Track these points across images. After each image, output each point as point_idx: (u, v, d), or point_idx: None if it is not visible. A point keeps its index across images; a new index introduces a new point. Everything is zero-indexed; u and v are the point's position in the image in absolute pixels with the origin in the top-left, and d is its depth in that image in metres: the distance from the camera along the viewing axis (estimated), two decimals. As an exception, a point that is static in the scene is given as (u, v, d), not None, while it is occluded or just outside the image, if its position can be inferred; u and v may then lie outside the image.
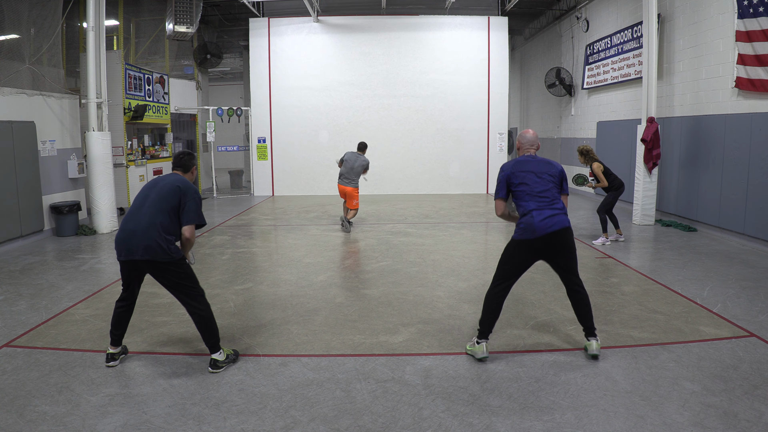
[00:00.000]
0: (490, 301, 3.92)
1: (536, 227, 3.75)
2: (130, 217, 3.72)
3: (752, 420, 3.06)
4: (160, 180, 3.84)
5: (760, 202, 7.31)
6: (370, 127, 14.48)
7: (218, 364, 3.76)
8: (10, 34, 8.37)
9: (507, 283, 3.90)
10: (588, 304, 3.95)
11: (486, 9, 14.52)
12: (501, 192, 3.98)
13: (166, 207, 3.68)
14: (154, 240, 3.60)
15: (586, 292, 3.96)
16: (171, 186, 3.74)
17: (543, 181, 3.89)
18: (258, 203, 13.08)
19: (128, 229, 3.66)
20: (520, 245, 3.84)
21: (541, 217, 3.76)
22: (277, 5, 14.35)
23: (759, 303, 5.08)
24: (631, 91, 11.04)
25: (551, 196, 3.86)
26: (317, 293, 5.59)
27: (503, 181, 3.97)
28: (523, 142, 4.16)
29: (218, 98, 20.78)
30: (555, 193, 3.91)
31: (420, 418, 3.14)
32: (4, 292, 5.68)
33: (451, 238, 8.43)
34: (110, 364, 3.87)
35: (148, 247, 3.60)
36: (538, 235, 3.75)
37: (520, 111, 19.17)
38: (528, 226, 3.78)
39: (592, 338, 3.94)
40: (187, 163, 4.00)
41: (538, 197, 3.83)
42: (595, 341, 3.92)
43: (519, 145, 4.19)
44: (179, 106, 14.21)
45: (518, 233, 3.84)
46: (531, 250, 3.83)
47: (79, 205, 9.03)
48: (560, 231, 3.79)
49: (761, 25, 7.15)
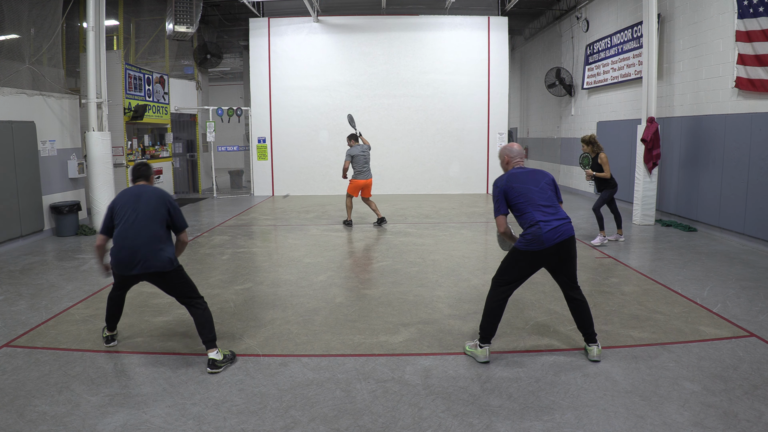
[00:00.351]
0: (492, 305, 3.87)
1: (544, 239, 3.68)
2: (127, 232, 3.75)
3: (752, 420, 3.06)
4: (140, 192, 3.90)
5: (760, 202, 7.31)
6: (370, 128, 14.45)
7: (217, 364, 3.77)
8: (10, 34, 8.37)
9: (508, 287, 3.86)
10: (588, 312, 3.92)
11: (486, 9, 14.52)
12: (502, 208, 3.86)
13: (159, 218, 3.81)
14: (159, 253, 3.74)
15: (585, 300, 3.94)
16: (157, 198, 3.87)
17: (542, 191, 3.84)
18: (258, 203, 13.09)
19: (130, 246, 3.73)
20: (526, 255, 3.78)
21: (549, 227, 3.70)
22: (277, 5, 14.35)
23: (759, 303, 5.08)
24: (631, 91, 11.04)
25: (554, 206, 3.83)
26: (317, 293, 5.59)
27: (501, 195, 3.86)
28: (512, 155, 4.07)
29: (218, 98, 20.78)
30: (556, 201, 3.88)
31: (420, 418, 3.14)
32: (4, 292, 5.68)
33: (451, 238, 8.43)
34: (110, 345, 4.20)
35: (154, 262, 3.73)
36: (546, 247, 3.69)
37: (520, 111, 19.17)
38: (536, 238, 3.70)
39: (593, 344, 3.92)
40: (147, 173, 4.13)
41: (543, 208, 3.78)
42: (596, 347, 3.90)
43: (508, 159, 4.08)
44: (179, 106, 14.22)
45: (524, 244, 3.76)
46: (536, 260, 3.78)
47: (79, 205, 9.03)
48: (566, 240, 3.76)
49: (761, 25, 7.15)
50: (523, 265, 3.82)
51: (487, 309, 3.89)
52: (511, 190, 3.84)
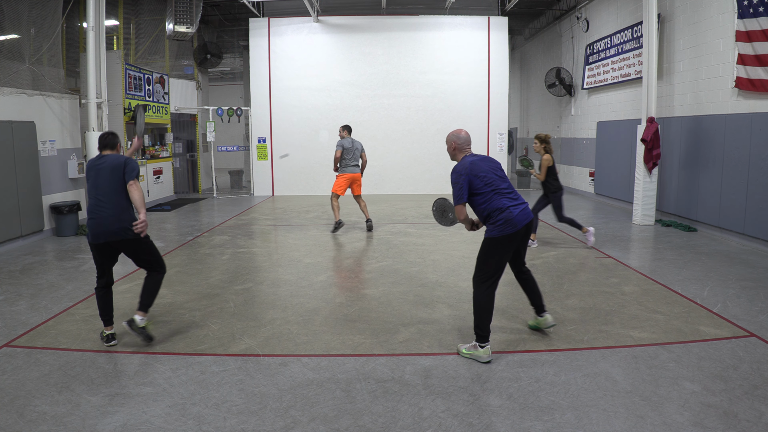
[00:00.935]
0: (481, 304, 3.89)
1: (516, 221, 3.86)
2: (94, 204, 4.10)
3: (752, 420, 3.06)
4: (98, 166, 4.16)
5: (760, 202, 7.31)
6: (370, 127, 14.48)
7: (133, 326, 4.12)
8: (10, 34, 8.37)
9: (491, 281, 3.90)
10: (536, 284, 4.30)
11: (486, 9, 14.52)
12: (465, 196, 3.95)
13: (118, 186, 4.09)
14: (124, 222, 4.06)
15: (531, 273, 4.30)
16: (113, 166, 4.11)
17: (502, 178, 4.03)
18: (258, 203, 13.09)
19: (99, 216, 4.05)
20: (502, 241, 3.88)
21: (518, 210, 3.90)
22: (277, 5, 14.35)
23: (759, 303, 5.08)
24: (631, 91, 11.04)
25: (514, 191, 4.03)
26: (317, 293, 5.59)
27: (465, 184, 3.93)
28: (460, 143, 4.13)
29: (218, 98, 20.79)
30: (513, 186, 4.08)
31: (420, 418, 3.14)
32: (4, 292, 5.68)
33: (451, 238, 8.43)
34: (111, 343, 4.21)
35: (120, 229, 4.05)
36: (519, 228, 3.87)
37: (520, 111, 19.17)
38: (508, 221, 3.85)
39: (545, 313, 4.28)
40: (112, 141, 4.35)
41: (507, 194, 3.96)
42: (548, 314, 4.30)
43: (455, 145, 4.14)
44: (179, 106, 14.22)
45: (497, 230, 3.87)
46: (511, 243, 3.91)
47: (79, 205, 9.03)
48: (530, 222, 3.99)
49: (761, 25, 7.15)
50: (501, 252, 3.91)
51: (477, 309, 3.91)
52: (476, 179, 3.93)
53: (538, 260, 6.85)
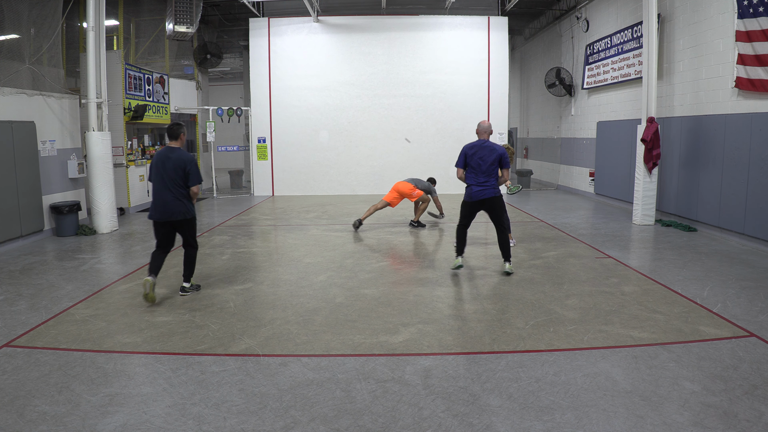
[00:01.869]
0: (458, 234, 6.16)
1: (471, 195, 5.96)
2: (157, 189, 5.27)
3: (752, 420, 3.06)
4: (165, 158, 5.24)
5: (760, 202, 7.31)
6: (370, 127, 14.48)
7: (185, 290, 5.48)
8: (10, 34, 8.37)
9: (462, 224, 6.11)
10: (506, 238, 6.07)
11: (486, 9, 14.51)
12: (460, 163, 6.08)
13: (179, 180, 5.23)
14: (181, 205, 5.26)
15: (504, 232, 6.05)
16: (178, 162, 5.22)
17: (486, 163, 5.88)
18: (258, 203, 13.08)
19: (161, 199, 5.24)
20: (465, 204, 6.07)
21: (475, 189, 5.93)
22: (277, 5, 14.34)
23: (759, 303, 5.08)
24: (631, 91, 11.04)
25: (489, 176, 5.89)
26: (317, 293, 5.59)
27: (462, 155, 6.03)
28: (479, 129, 6.13)
29: (218, 98, 20.78)
30: (493, 171, 5.89)
31: (420, 418, 3.14)
32: (4, 292, 5.68)
33: (451, 238, 8.43)
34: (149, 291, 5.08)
35: (177, 211, 5.25)
36: (474, 200, 5.96)
37: (520, 111, 19.17)
38: (467, 194, 6.01)
39: (507, 261, 6.09)
40: (177, 132, 5.38)
41: (480, 174, 5.90)
42: (508, 264, 6.09)
43: (477, 130, 6.12)
44: (179, 106, 14.21)
45: (465, 197, 6.05)
46: (472, 208, 6.04)
47: (79, 205, 9.03)
48: (488, 198, 5.90)
49: (761, 25, 7.15)
50: (465, 209, 6.08)
51: (458, 235, 6.16)
52: (467, 157, 6.00)
53: (538, 260, 6.86)
